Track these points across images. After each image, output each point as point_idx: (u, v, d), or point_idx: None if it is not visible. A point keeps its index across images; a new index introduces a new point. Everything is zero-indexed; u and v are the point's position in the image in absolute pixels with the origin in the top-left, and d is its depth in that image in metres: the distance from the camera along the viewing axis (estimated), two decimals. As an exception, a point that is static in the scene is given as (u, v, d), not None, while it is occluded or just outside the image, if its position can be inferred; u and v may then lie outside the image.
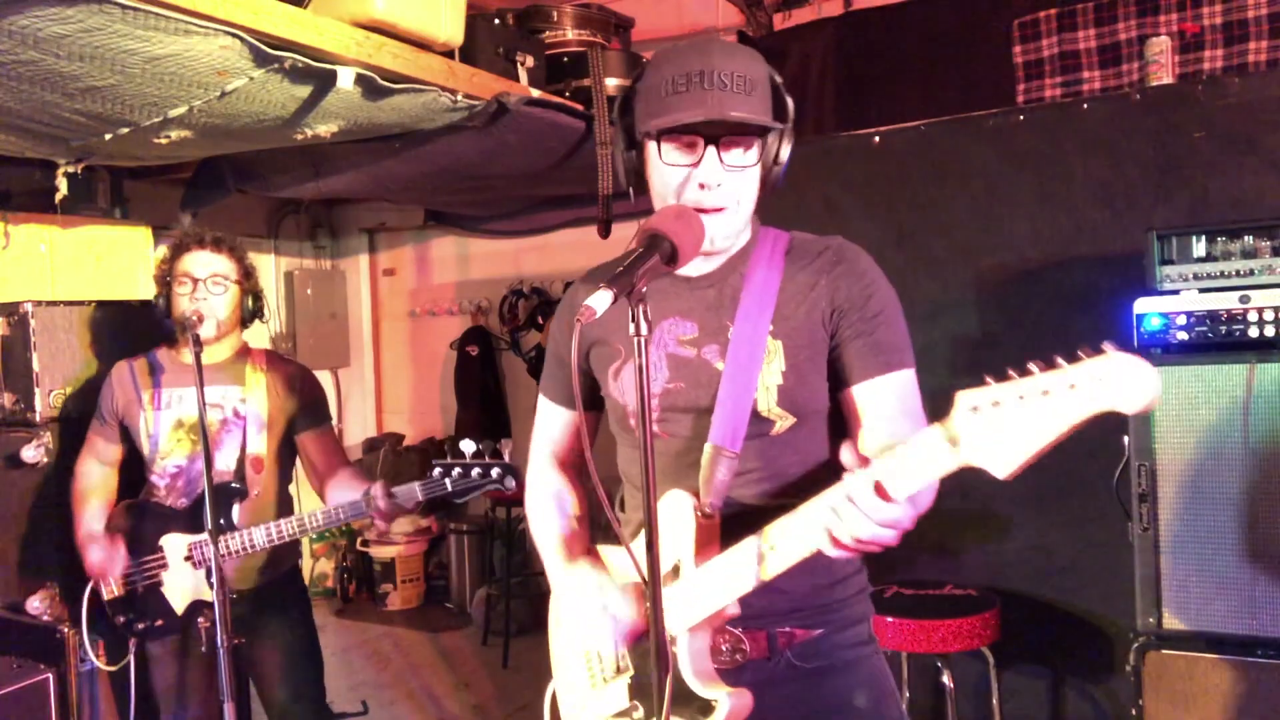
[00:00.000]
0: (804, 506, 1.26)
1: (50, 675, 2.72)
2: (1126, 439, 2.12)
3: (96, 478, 2.64)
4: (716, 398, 1.44)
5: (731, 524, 1.40)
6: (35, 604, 2.84)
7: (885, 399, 1.41)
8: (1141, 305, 2.19)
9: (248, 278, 2.59)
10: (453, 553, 5.70)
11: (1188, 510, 2.07)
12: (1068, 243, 2.78)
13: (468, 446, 2.21)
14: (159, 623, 2.48)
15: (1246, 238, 2.16)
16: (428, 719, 4.17)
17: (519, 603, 5.05)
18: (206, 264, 2.50)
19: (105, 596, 2.50)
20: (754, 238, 1.52)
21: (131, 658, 2.56)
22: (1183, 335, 2.14)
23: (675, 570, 1.40)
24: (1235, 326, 2.09)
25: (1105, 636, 2.74)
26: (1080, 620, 2.78)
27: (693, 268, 1.49)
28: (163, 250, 2.65)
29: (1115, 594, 2.52)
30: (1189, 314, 2.14)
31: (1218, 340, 2.10)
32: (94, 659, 2.62)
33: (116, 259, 3.88)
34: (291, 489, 2.71)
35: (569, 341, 1.55)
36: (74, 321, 3.01)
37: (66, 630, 2.77)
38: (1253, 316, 2.08)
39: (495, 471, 2.20)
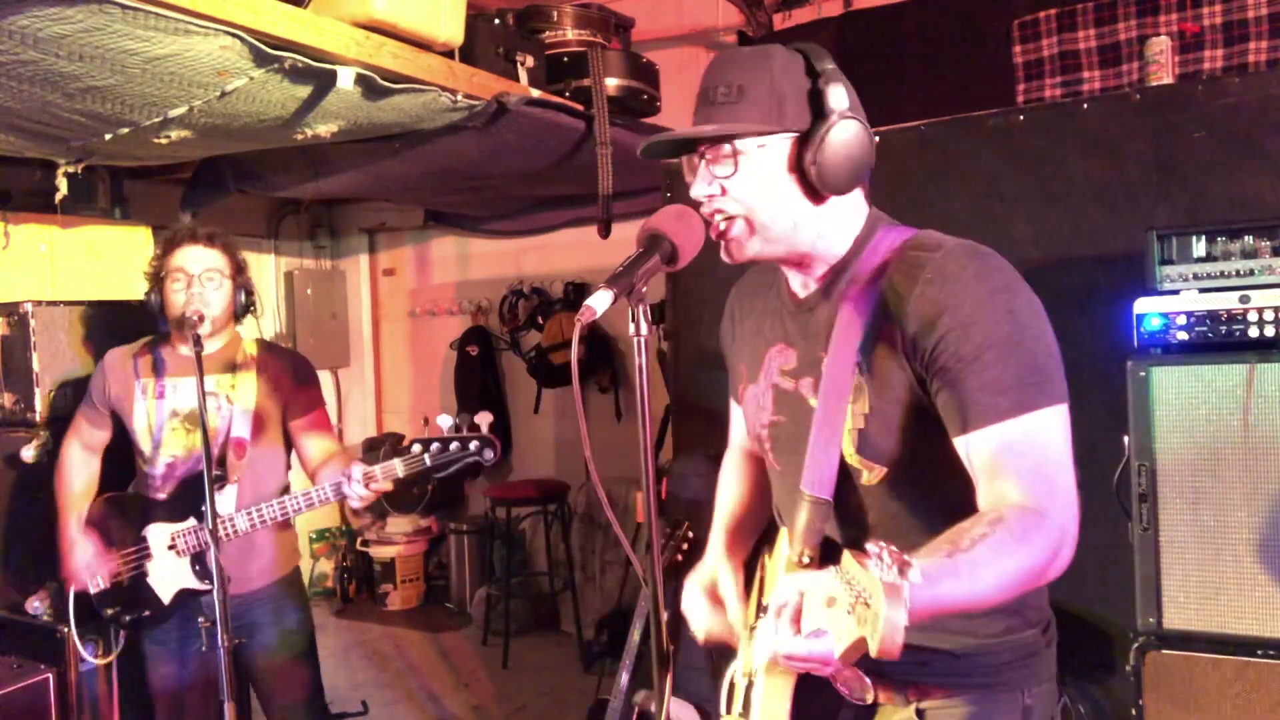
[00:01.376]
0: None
1: (50, 675, 2.72)
2: (1126, 439, 2.12)
3: (80, 467, 2.63)
4: (809, 443, 1.33)
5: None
6: (35, 604, 2.84)
7: (987, 455, 1.18)
8: (1141, 305, 2.19)
9: (240, 273, 2.58)
10: (453, 553, 5.70)
11: (1188, 510, 2.07)
12: (1068, 243, 2.78)
13: (445, 421, 2.19)
14: (146, 613, 2.48)
15: (1246, 238, 2.16)
16: (428, 719, 4.17)
17: (519, 603, 5.05)
18: (200, 259, 2.49)
19: (92, 590, 2.50)
20: (860, 246, 1.36)
21: (116, 648, 2.58)
22: (1183, 335, 2.14)
23: (763, 609, 1.33)
24: (1235, 326, 2.09)
25: (1105, 636, 2.74)
26: (1080, 620, 2.77)
27: (797, 286, 1.41)
28: (153, 246, 2.66)
29: (1115, 594, 2.51)
30: (1189, 314, 2.14)
31: (1218, 340, 2.10)
32: (88, 656, 2.63)
33: (116, 259, 3.88)
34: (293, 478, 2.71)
35: (730, 345, 1.59)
36: (74, 321, 3.01)
37: (66, 630, 2.77)
38: (1253, 316, 2.07)
39: (474, 445, 2.18)
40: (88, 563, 2.50)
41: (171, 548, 2.46)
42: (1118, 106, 2.74)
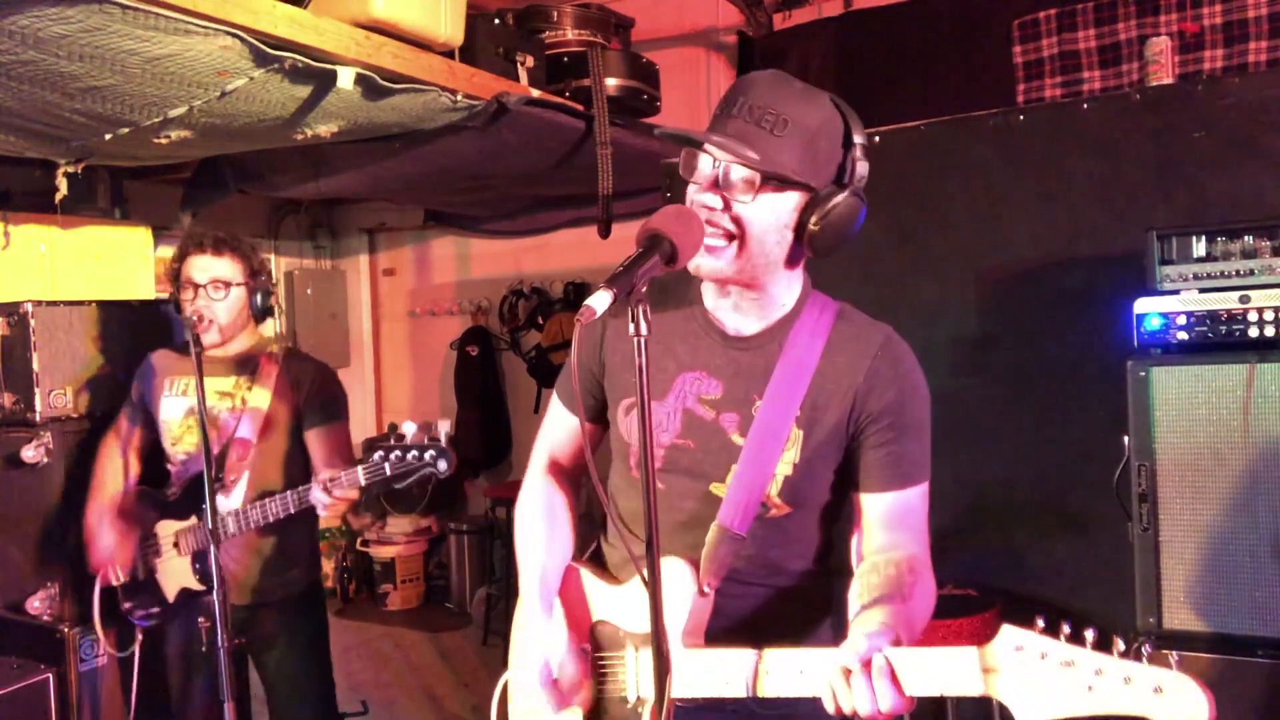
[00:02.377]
0: (813, 652, 1.23)
1: (50, 675, 2.72)
2: (1126, 439, 2.12)
3: (109, 461, 2.67)
4: (731, 475, 1.39)
5: (721, 595, 1.39)
6: (35, 604, 2.84)
7: (893, 512, 1.40)
8: (1141, 305, 2.19)
9: (255, 276, 2.58)
10: (453, 553, 5.70)
11: (1188, 510, 2.07)
12: (1068, 243, 2.78)
13: (409, 428, 2.18)
14: (155, 609, 2.52)
15: (1246, 238, 2.16)
16: (428, 719, 4.17)
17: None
18: (205, 269, 2.51)
19: (114, 583, 2.54)
20: (799, 306, 1.43)
21: (137, 646, 2.60)
22: (1183, 335, 2.14)
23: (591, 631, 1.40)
24: (1235, 326, 2.09)
25: (1105, 636, 2.74)
26: (1080, 620, 2.77)
27: (734, 322, 1.44)
28: (149, 245, 2.69)
29: (1115, 594, 2.51)
30: (1189, 314, 2.14)
31: (1218, 340, 2.10)
32: (110, 647, 2.66)
33: (116, 259, 3.88)
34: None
35: (608, 352, 1.53)
36: (74, 321, 3.01)
37: (66, 630, 2.77)
38: (1253, 316, 2.07)
39: (429, 454, 2.16)
40: (108, 551, 2.52)
41: (175, 545, 2.48)
42: (1118, 106, 2.74)
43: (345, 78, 2.54)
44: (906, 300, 2.91)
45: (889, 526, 1.39)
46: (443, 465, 2.15)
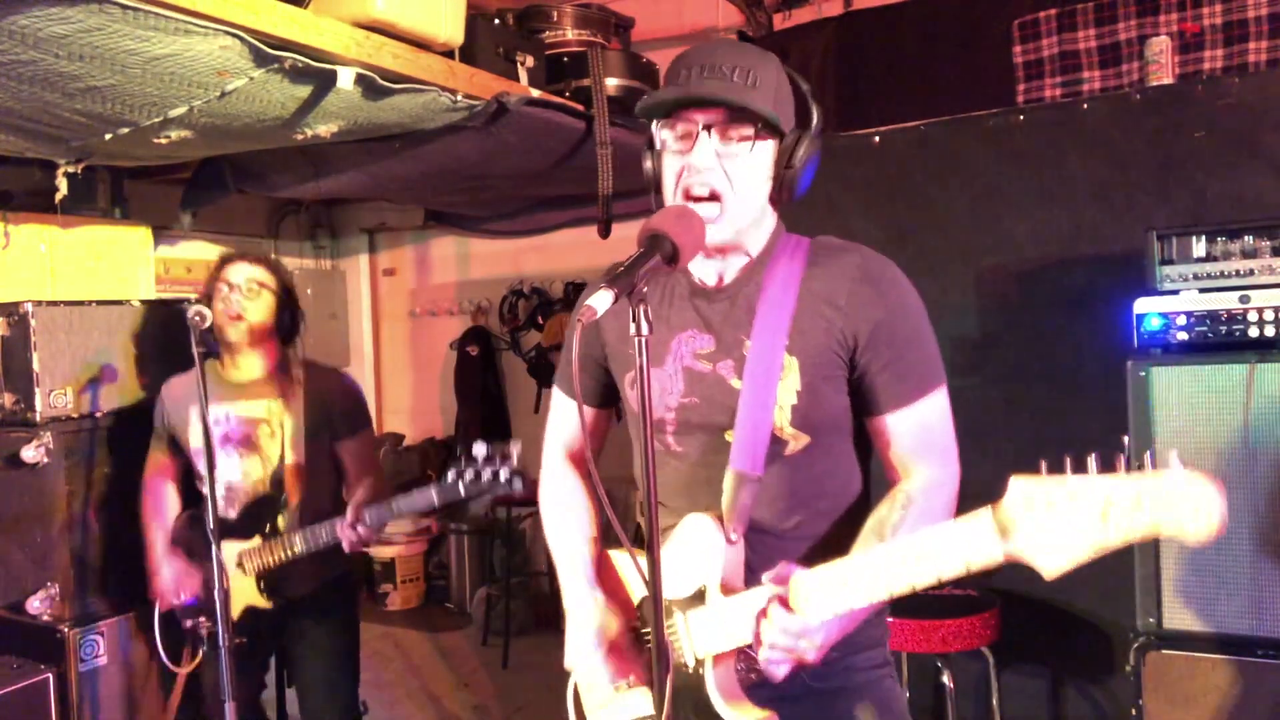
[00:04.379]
0: (845, 561, 1.25)
1: (50, 675, 2.72)
2: (1126, 439, 2.12)
3: (157, 490, 2.70)
4: (735, 418, 1.40)
5: (754, 545, 1.40)
6: (35, 604, 2.84)
7: (906, 430, 1.40)
8: (1141, 305, 2.19)
9: (287, 294, 2.63)
10: (453, 553, 5.70)
11: (1188, 510, 2.07)
12: (1068, 243, 2.78)
13: (480, 449, 2.22)
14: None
15: (1246, 238, 2.16)
16: (428, 719, 4.17)
17: (519, 603, 5.05)
18: (243, 271, 2.56)
19: (177, 603, 2.57)
20: (772, 245, 1.47)
21: (195, 658, 2.61)
22: (1183, 335, 2.14)
23: (701, 595, 1.39)
24: (1235, 326, 2.09)
25: (1105, 636, 2.74)
26: (1080, 620, 2.77)
27: (710, 276, 1.47)
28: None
29: (1115, 594, 2.52)
30: (1189, 314, 2.14)
31: (1218, 340, 2.10)
32: (167, 661, 2.67)
33: (116, 259, 3.88)
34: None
35: (604, 333, 1.55)
36: (74, 321, 3.00)
37: (66, 630, 2.77)
38: (1253, 316, 2.08)
39: (503, 475, 2.20)
40: (175, 580, 2.56)
41: (239, 566, 2.50)
42: (1118, 106, 2.74)
43: (345, 78, 2.54)
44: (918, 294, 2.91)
45: (905, 450, 1.40)
46: (517, 484, 2.20)
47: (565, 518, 1.63)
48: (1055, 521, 1.04)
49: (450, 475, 2.25)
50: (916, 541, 1.17)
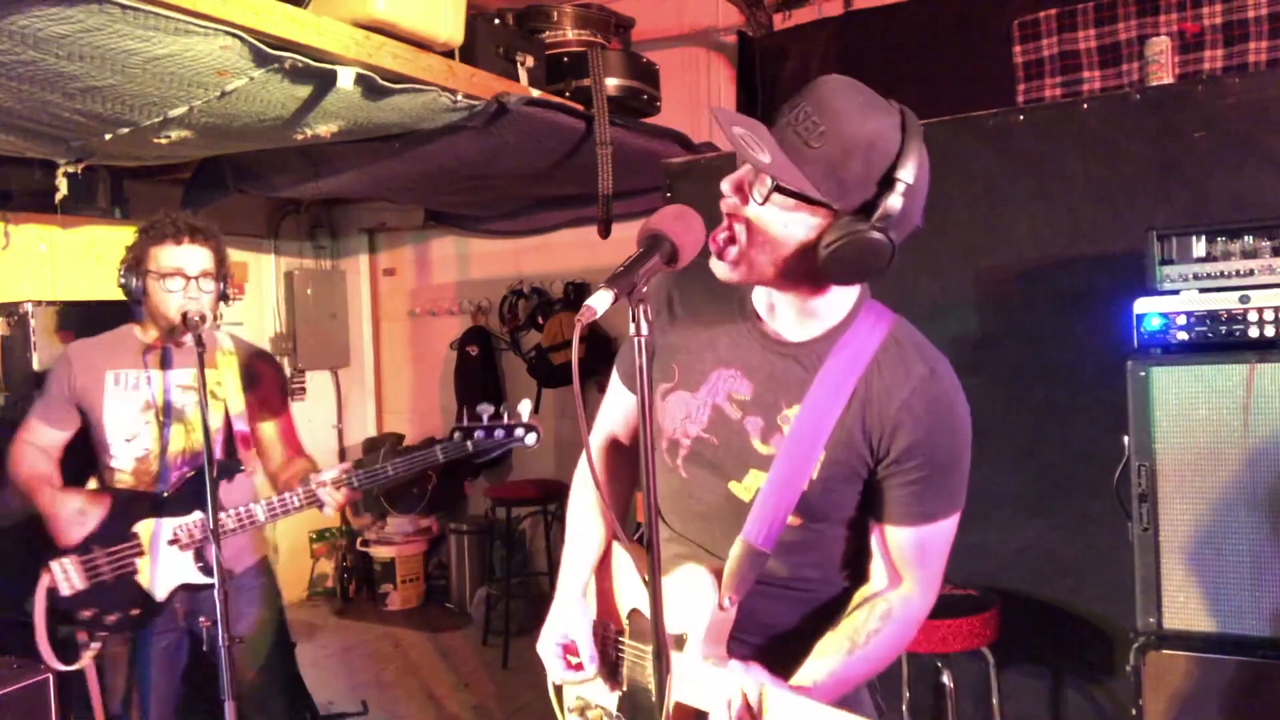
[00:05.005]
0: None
1: (50, 675, 2.72)
2: (1126, 439, 2.12)
3: (38, 457, 2.53)
4: (751, 477, 1.37)
5: (749, 596, 1.39)
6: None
7: (905, 547, 1.38)
8: (1141, 305, 2.19)
9: (223, 264, 2.54)
10: (453, 553, 5.70)
11: (1188, 510, 2.07)
12: (1068, 243, 2.78)
13: (485, 409, 2.20)
14: (135, 611, 2.43)
15: (1246, 238, 2.16)
16: (428, 719, 4.17)
17: (519, 603, 5.05)
18: (196, 260, 2.44)
19: (65, 592, 2.42)
20: (852, 317, 1.37)
21: (87, 653, 2.48)
22: (1183, 335, 2.14)
23: (680, 641, 1.38)
24: (1235, 326, 2.09)
25: (1105, 636, 2.74)
26: (1080, 620, 2.77)
27: (774, 327, 1.40)
28: (133, 234, 2.57)
29: (1115, 594, 2.51)
30: (1189, 314, 2.14)
31: (1218, 340, 2.10)
32: (53, 660, 2.49)
33: (116, 259, 3.85)
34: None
35: (665, 335, 1.50)
36: (74, 322, 3.01)
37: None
38: (1253, 316, 2.08)
39: (518, 431, 2.20)
40: (79, 511, 2.40)
41: (174, 542, 2.43)
42: (1118, 106, 2.74)
43: (345, 78, 2.54)
44: (906, 300, 2.90)
45: (896, 561, 1.39)
46: (531, 439, 2.18)
47: (580, 514, 1.62)
48: None
49: (455, 434, 2.21)
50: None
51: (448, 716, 4.18)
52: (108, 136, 2.95)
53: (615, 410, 1.65)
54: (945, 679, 2.68)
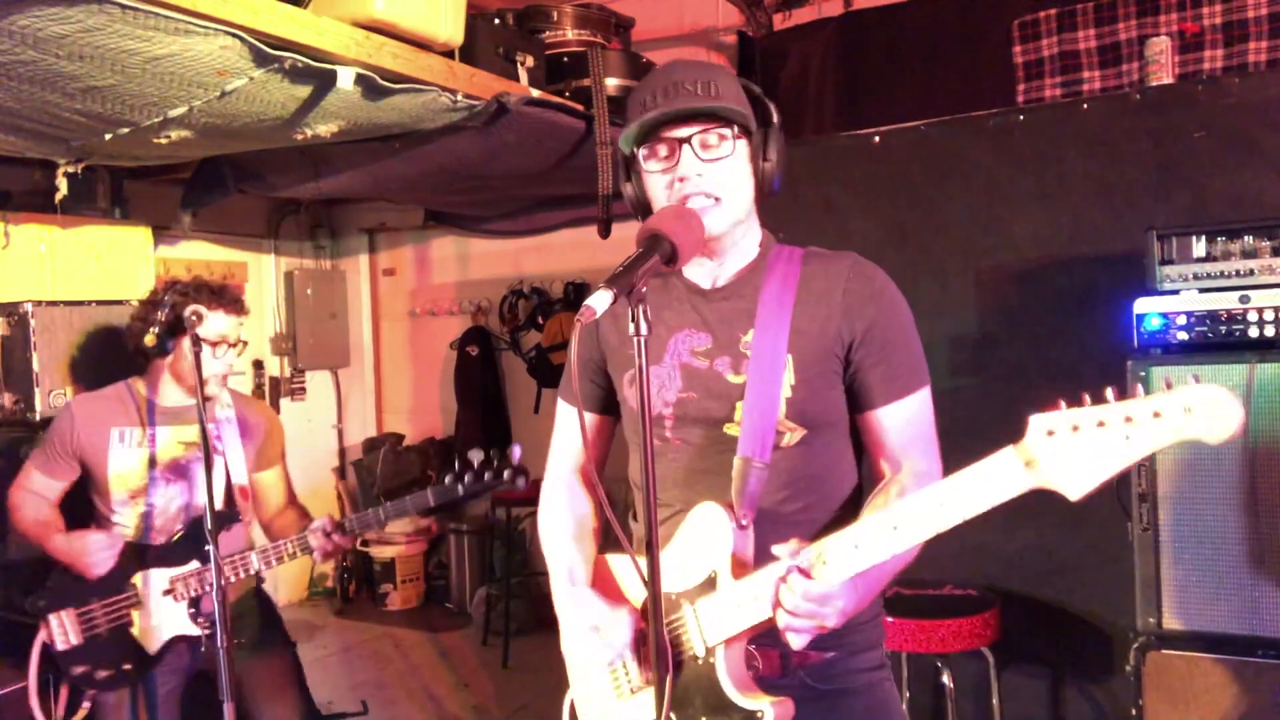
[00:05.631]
0: (860, 524, 1.28)
1: (50, 675, 2.72)
2: (1126, 439, 2.12)
3: (43, 508, 2.52)
4: (733, 411, 1.45)
5: (760, 531, 1.41)
6: (37, 604, 2.84)
7: (896, 425, 1.47)
8: (1141, 305, 2.19)
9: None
10: (453, 553, 5.70)
11: (1188, 510, 2.07)
12: (1068, 243, 2.78)
13: (476, 455, 2.25)
14: (126, 666, 2.40)
15: (1246, 238, 2.16)
16: (428, 719, 4.17)
17: (519, 603, 5.05)
18: (234, 329, 2.49)
19: (60, 647, 2.41)
20: (767, 250, 1.55)
21: (78, 713, 2.47)
22: (1183, 335, 2.14)
23: (711, 582, 1.40)
24: (1235, 326, 2.09)
25: (1105, 636, 2.74)
26: (1080, 620, 2.78)
27: (705, 279, 1.53)
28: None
29: (1115, 594, 2.52)
30: (1189, 314, 2.14)
31: (1218, 340, 2.10)
32: (41, 715, 2.48)
33: (116, 259, 3.88)
34: None
35: (603, 340, 1.59)
36: (74, 321, 3.01)
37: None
38: (1253, 316, 2.08)
39: (506, 474, 2.24)
40: (102, 549, 2.39)
41: (169, 593, 2.42)
42: (1118, 106, 2.74)
43: (345, 78, 2.54)
44: (907, 299, 2.92)
45: (893, 447, 1.47)
46: (520, 483, 2.24)
47: (557, 537, 1.65)
48: (1079, 446, 1.09)
49: (448, 479, 2.26)
50: (938, 491, 1.20)
51: (448, 716, 4.18)
52: (108, 136, 2.95)
53: (565, 434, 1.70)
54: (945, 679, 2.68)
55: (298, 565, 5.90)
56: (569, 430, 1.70)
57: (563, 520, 1.66)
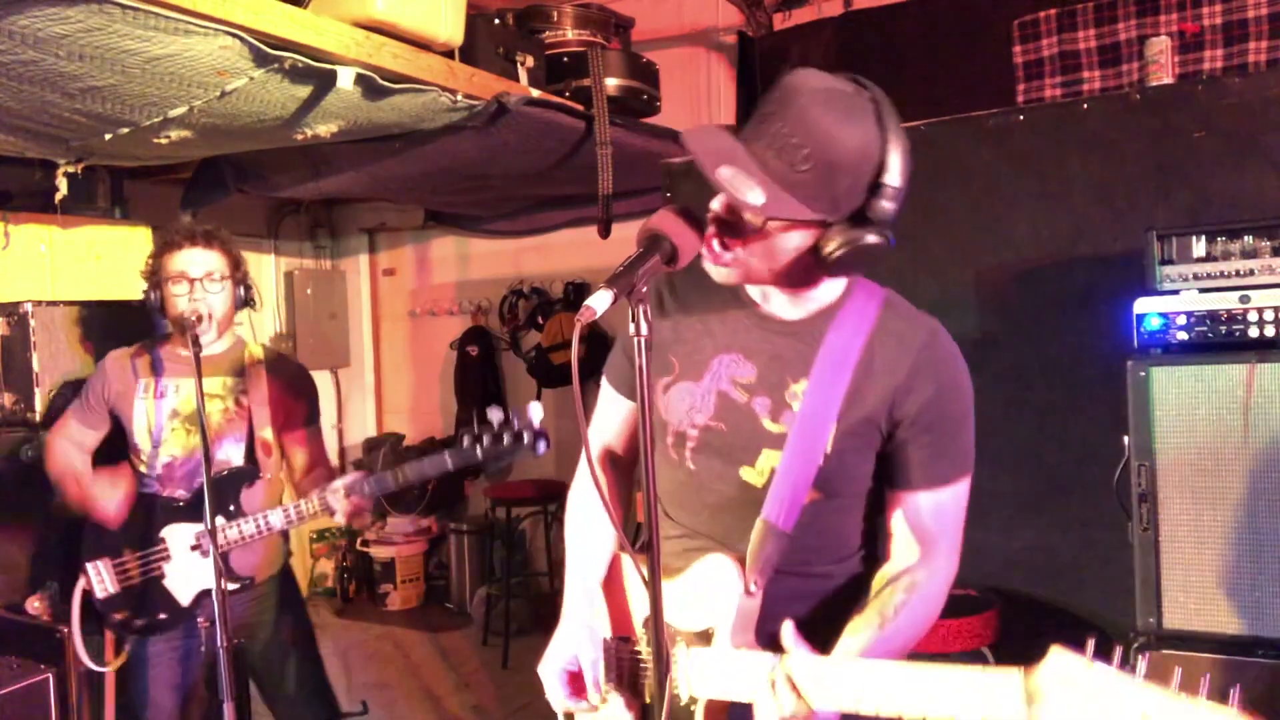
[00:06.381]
0: (862, 663, 1.24)
1: (50, 675, 2.72)
2: (1126, 439, 2.12)
3: (73, 452, 2.59)
4: (764, 456, 1.38)
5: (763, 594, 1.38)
6: (35, 604, 2.84)
7: (923, 512, 1.40)
8: (1141, 305, 2.19)
9: (238, 268, 2.58)
10: (453, 553, 5.70)
11: (1188, 510, 2.07)
12: (1068, 243, 2.78)
13: (495, 414, 2.18)
14: (162, 616, 2.47)
15: (1246, 238, 2.16)
16: (427, 719, 4.17)
17: (519, 603, 5.05)
18: (201, 262, 2.49)
19: (99, 595, 2.47)
20: (846, 294, 1.41)
21: (121, 654, 2.54)
22: (1183, 335, 2.14)
23: (708, 636, 1.37)
24: (1235, 326, 2.09)
25: (1105, 636, 2.74)
26: (1080, 620, 2.77)
27: (780, 305, 1.42)
28: (149, 246, 2.64)
29: (1115, 594, 2.51)
30: (1189, 314, 2.14)
31: (1218, 340, 2.10)
32: (88, 661, 2.57)
33: (116, 259, 3.88)
34: None
35: (659, 331, 1.48)
36: (74, 321, 3.01)
37: (66, 630, 2.77)
38: (1253, 316, 2.07)
39: (527, 437, 2.18)
40: (106, 489, 2.47)
41: (195, 548, 2.46)
42: (1118, 106, 2.74)
43: (345, 78, 2.54)
44: (907, 299, 2.92)
45: (915, 530, 1.40)
46: (541, 447, 2.17)
47: (579, 528, 1.60)
48: (1088, 714, 1.02)
49: (465, 439, 2.20)
50: (938, 675, 1.13)
51: (448, 716, 4.18)
52: (108, 136, 2.95)
53: (611, 418, 1.63)
54: (945, 679, 2.67)
55: (298, 565, 5.89)
56: (608, 412, 1.63)
57: (586, 513, 1.60)
